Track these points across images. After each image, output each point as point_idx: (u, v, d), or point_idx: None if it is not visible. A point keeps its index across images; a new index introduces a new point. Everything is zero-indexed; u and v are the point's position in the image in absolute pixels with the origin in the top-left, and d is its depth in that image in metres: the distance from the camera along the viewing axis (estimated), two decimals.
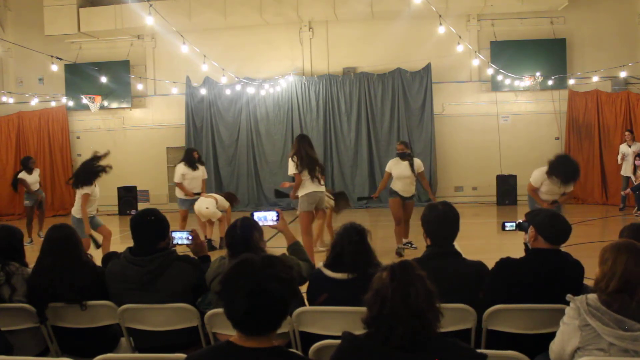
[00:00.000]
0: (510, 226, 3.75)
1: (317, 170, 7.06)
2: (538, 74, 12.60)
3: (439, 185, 13.75)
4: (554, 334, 2.53)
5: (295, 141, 7.28)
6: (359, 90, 13.72)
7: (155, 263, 3.21)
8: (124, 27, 13.45)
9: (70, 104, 14.28)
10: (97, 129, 14.89)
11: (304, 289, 3.33)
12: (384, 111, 13.71)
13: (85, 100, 13.87)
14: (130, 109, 14.70)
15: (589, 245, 7.11)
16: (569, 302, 2.47)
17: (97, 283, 3.40)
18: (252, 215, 3.52)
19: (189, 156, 9.42)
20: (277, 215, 3.60)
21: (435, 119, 13.57)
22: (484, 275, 3.15)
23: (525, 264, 3.13)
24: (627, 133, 11.67)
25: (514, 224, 3.71)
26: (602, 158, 13.01)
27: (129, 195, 14.09)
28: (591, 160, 13.03)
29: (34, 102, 13.87)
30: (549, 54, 12.96)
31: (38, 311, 3.31)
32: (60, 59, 10.16)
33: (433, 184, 13.63)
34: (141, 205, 13.53)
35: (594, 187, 12.96)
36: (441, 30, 9.18)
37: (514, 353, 2.42)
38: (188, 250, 3.66)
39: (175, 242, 3.50)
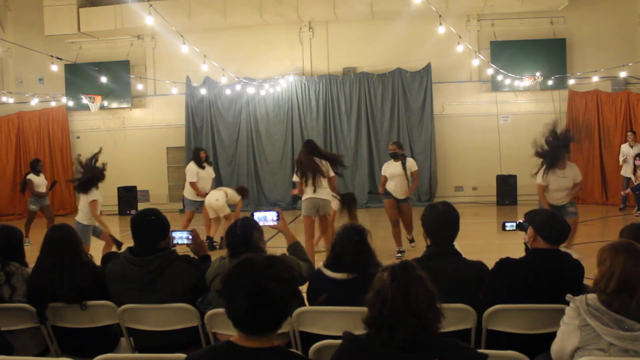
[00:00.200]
0: (510, 226, 3.75)
1: (313, 176, 7.05)
2: (538, 74, 12.61)
3: (439, 185, 13.75)
4: (554, 334, 2.53)
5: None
6: (359, 90, 13.73)
7: (155, 263, 3.21)
8: (124, 27, 13.45)
9: (70, 104, 14.28)
10: (97, 129, 14.89)
11: (304, 289, 3.33)
12: (384, 111, 13.72)
13: (85, 100, 13.87)
14: (130, 109, 14.70)
15: (589, 245, 7.11)
16: (568, 302, 2.48)
17: (97, 283, 3.39)
18: (252, 215, 3.53)
19: (196, 156, 9.36)
20: (277, 216, 3.61)
21: (435, 119, 13.58)
22: (484, 275, 3.15)
23: (525, 264, 3.13)
24: (630, 134, 11.64)
25: (514, 224, 3.71)
26: (602, 158, 13.01)
27: (129, 195, 14.09)
28: (591, 160, 13.03)
29: (34, 102, 13.88)
30: (549, 54, 12.96)
31: (38, 311, 3.31)
32: (60, 59, 10.17)
33: (433, 184, 13.64)
34: (141, 205, 13.53)
35: (594, 187, 12.96)
36: (441, 30, 9.19)
37: (514, 353, 2.42)
38: (188, 250, 3.66)
39: (175, 242, 3.50)
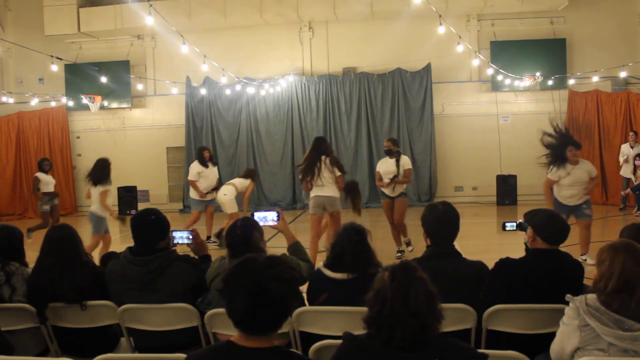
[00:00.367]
0: (510, 226, 3.75)
1: (312, 174, 7.06)
2: (538, 74, 12.61)
3: (439, 185, 13.75)
4: (554, 334, 2.52)
5: None
6: (359, 90, 13.73)
7: (155, 263, 3.21)
8: (124, 27, 13.45)
9: (70, 104, 14.28)
10: (97, 129, 14.90)
11: (304, 289, 3.33)
12: (384, 111, 13.72)
13: (85, 100, 13.87)
14: (130, 109, 14.70)
15: (589, 245, 7.11)
16: (568, 302, 2.48)
17: (97, 283, 3.39)
18: (253, 215, 3.53)
19: (200, 155, 9.35)
20: (278, 216, 3.61)
21: (435, 119, 13.58)
22: (484, 275, 3.15)
23: (525, 264, 3.13)
24: (632, 134, 11.63)
25: (514, 224, 3.71)
26: (602, 158, 13.00)
27: (129, 195, 14.08)
28: (591, 160, 12.88)
29: (34, 102, 13.87)
30: (549, 54, 12.96)
31: (38, 311, 3.30)
32: (60, 59, 10.16)
33: (433, 184, 13.64)
34: (141, 205, 13.52)
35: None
36: (441, 30, 9.18)
37: (514, 353, 2.42)
38: (188, 250, 3.66)
39: (175, 242, 3.50)
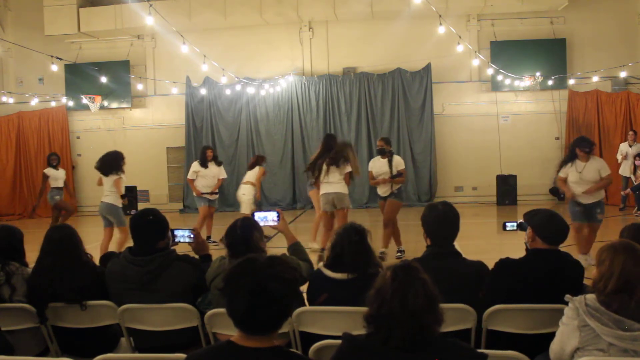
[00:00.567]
0: (511, 226, 3.76)
1: (319, 170, 7.21)
2: (538, 74, 12.61)
3: (439, 185, 13.75)
4: (554, 334, 2.52)
5: None
6: (359, 90, 13.73)
7: (155, 263, 3.22)
8: (124, 27, 13.45)
9: (70, 104, 14.28)
10: (97, 129, 14.89)
11: (304, 288, 3.33)
12: (384, 111, 13.71)
13: (85, 100, 13.87)
14: (130, 109, 14.70)
15: (591, 245, 7.10)
16: (568, 303, 2.48)
17: (97, 283, 3.40)
18: (253, 215, 3.53)
19: (202, 154, 9.47)
20: (278, 216, 3.61)
21: (435, 119, 13.57)
22: (484, 275, 3.15)
23: (525, 264, 3.13)
24: (631, 133, 11.66)
25: (515, 224, 3.71)
26: (602, 158, 12.97)
27: (129, 195, 13.86)
28: None
29: (34, 102, 13.87)
30: (549, 54, 12.96)
31: (38, 311, 3.30)
32: (60, 59, 10.16)
33: (433, 184, 13.64)
34: (141, 205, 13.52)
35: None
36: (441, 30, 9.18)
37: (514, 353, 2.42)
38: (189, 250, 3.66)
39: (177, 240, 3.52)
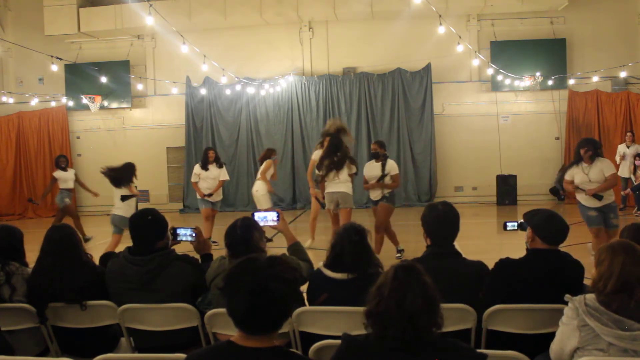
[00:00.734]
0: (512, 226, 3.76)
1: (327, 171, 7.29)
2: (538, 74, 12.61)
3: (439, 185, 13.74)
4: (554, 334, 2.53)
5: None
6: (359, 90, 13.72)
7: (154, 263, 3.22)
8: (124, 27, 13.45)
9: (70, 104, 14.28)
10: (97, 129, 14.89)
11: (304, 288, 3.33)
12: (384, 111, 13.71)
13: (85, 100, 13.87)
14: (130, 109, 14.70)
15: (589, 245, 7.10)
16: (567, 303, 2.48)
17: (97, 283, 3.40)
18: (253, 215, 3.53)
19: (203, 156, 9.38)
20: (278, 216, 3.61)
21: (435, 119, 13.57)
22: (484, 275, 3.15)
23: (525, 264, 3.13)
24: (629, 134, 11.69)
25: (515, 223, 3.72)
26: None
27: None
28: None
29: (34, 102, 13.87)
30: (549, 54, 12.96)
31: (38, 311, 3.30)
32: (60, 59, 10.16)
33: (433, 184, 13.64)
34: (141, 205, 13.47)
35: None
36: (441, 30, 9.18)
37: (514, 353, 2.42)
38: (191, 250, 3.67)
39: (179, 239, 3.53)
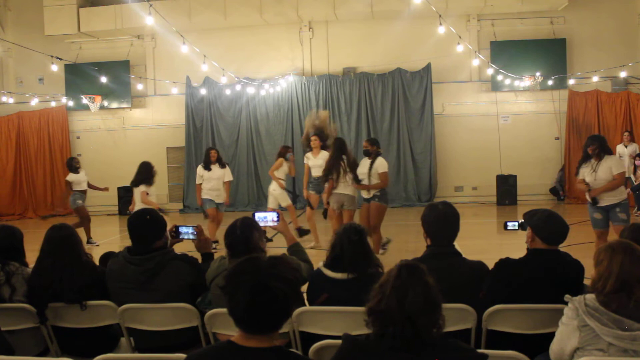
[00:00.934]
0: (512, 226, 3.76)
1: (337, 174, 7.41)
2: (538, 74, 12.60)
3: (439, 185, 13.74)
4: (553, 334, 2.53)
5: None
6: (359, 90, 13.72)
7: (152, 262, 3.22)
8: (124, 27, 13.45)
9: (70, 104, 14.27)
10: (97, 129, 14.89)
11: (304, 288, 3.33)
12: (384, 111, 13.71)
13: (85, 100, 13.87)
14: (130, 109, 14.69)
15: (589, 245, 7.10)
16: (567, 303, 2.48)
17: (97, 283, 3.40)
18: (254, 215, 3.53)
19: (205, 156, 9.29)
20: (278, 216, 3.61)
21: (435, 119, 13.57)
22: (484, 275, 3.16)
23: (525, 264, 3.13)
24: (626, 134, 11.70)
25: (516, 223, 3.72)
26: None
27: (129, 195, 14.03)
28: None
29: (34, 102, 13.86)
30: (549, 54, 12.96)
31: (38, 311, 3.30)
32: (60, 59, 10.15)
33: (433, 184, 13.64)
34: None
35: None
36: (441, 30, 9.17)
37: (514, 353, 2.42)
38: (193, 250, 3.67)
39: (181, 237, 3.56)
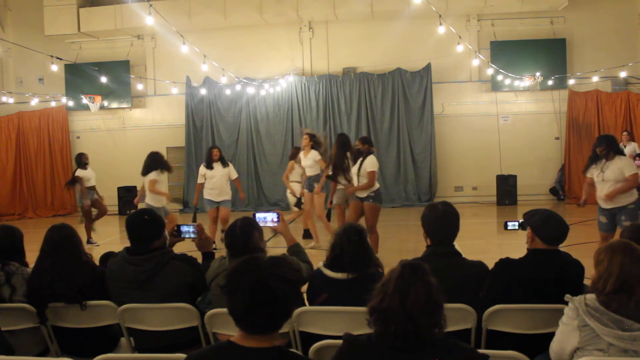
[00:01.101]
0: (512, 225, 3.76)
1: (343, 170, 7.50)
2: (538, 74, 12.60)
3: (439, 185, 13.74)
4: (554, 334, 2.53)
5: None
6: (359, 90, 13.72)
7: (151, 262, 3.22)
8: (124, 27, 13.44)
9: (70, 104, 14.26)
10: (97, 129, 14.88)
11: (304, 289, 3.33)
12: (384, 111, 13.70)
13: (85, 100, 13.85)
14: (130, 109, 14.69)
15: (589, 245, 7.11)
16: (567, 302, 2.48)
17: (97, 283, 3.40)
18: (254, 215, 3.53)
19: (207, 155, 9.26)
20: (278, 217, 3.61)
21: (435, 119, 13.56)
22: (484, 275, 3.16)
23: (525, 264, 3.13)
24: (625, 133, 11.69)
25: (516, 223, 3.72)
26: None
27: (129, 195, 14.08)
28: None
29: (34, 102, 13.85)
30: (549, 54, 12.95)
31: (38, 311, 3.30)
32: (60, 59, 10.14)
33: (433, 184, 13.64)
34: (140, 205, 13.51)
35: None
36: (441, 30, 9.16)
37: (514, 353, 2.42)
38: (194, 250, 3.67)
39: (182, 236, 3.57)
